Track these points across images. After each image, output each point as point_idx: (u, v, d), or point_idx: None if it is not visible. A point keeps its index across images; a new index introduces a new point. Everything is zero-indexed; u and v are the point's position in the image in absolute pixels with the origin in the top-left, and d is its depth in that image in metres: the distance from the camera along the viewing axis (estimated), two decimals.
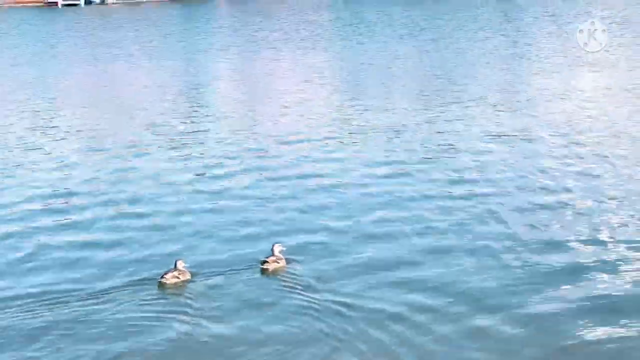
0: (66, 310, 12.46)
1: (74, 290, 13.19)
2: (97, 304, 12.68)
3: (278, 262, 13.82)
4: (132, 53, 52.95)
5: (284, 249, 14.12)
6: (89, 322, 12.13)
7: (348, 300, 12.64)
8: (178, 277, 13.28)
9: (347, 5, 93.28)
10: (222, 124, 27.43)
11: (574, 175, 19.35)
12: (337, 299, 12.67)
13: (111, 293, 13.00)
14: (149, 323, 12.06)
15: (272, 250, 14.01)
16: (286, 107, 30.58)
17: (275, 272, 13.65)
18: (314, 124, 26.66)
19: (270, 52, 50.76)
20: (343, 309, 12.30)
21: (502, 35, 55.12)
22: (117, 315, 12.28)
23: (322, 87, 35.79)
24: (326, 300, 12.59)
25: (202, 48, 55.36)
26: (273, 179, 19.77)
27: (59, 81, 41.47)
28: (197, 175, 20.57)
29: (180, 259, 13.64)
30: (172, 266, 13.49)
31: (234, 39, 61.37)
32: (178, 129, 26.73)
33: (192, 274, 13.52)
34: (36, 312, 12.45)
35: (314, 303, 12.52)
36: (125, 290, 13.14)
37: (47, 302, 12.75)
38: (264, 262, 13.80)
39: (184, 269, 13.45)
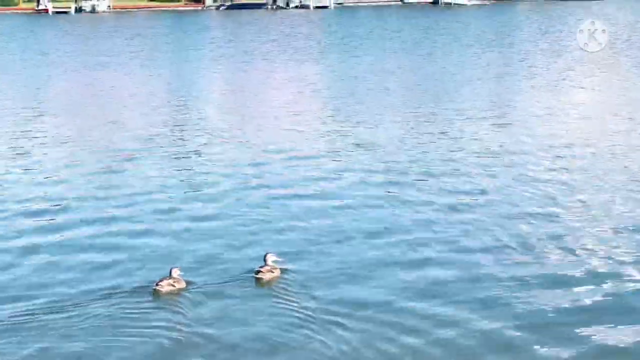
0: (59, 317, 12.40)
1: (66, 297, 13.12)
2: (90, 310, 12.61)
3: (272, 272, 13.83)
4: (122, 62, 52.98)
5: (279, 259, 14.16)
6: (81, 328, 12.04)
7: (344, 311, 12.64)
8: (173, 285, 13.23)
9: (341, 18, 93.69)
10: (212, 135, 27.36)
11: (573, 194, 19.25)
12: (333, 309, 12.67)
13: (104, 300, 12.96)
14: (141, 330, 12.01)
15: (264, 259, 14.05)
16: (278, 119, 30.58)
17: (269, 282, 13.68)
18: (306, 137, 26.63)
19: (262, 64, 50.92)
20: (340, 320, 12.28)
21: (496, 50, 55.54)
22: (110, 322, 12.20)
23: (315, 100, 35.84)
24: (322, 311, 12.59)
25: (193, 58, 55.51)
26: (265, 192, 19.73)
27: (48, 88, 41.42)
28: (189, 185, 20.53)
29: (175, 267, 13.62)
30: (167, 274, 13.48)
31: (226, 49, 61.56)
32: (169, 139, 26.66)
33: (187, 283, 13.52)
34: (30, 318, 12.36)
35: (309, 315, 12.49)
36: (118, 297, 13.08)
37: (39, 309, 12.67)
38: (258, 272, 13.82)
39: (179, 277, 13.43)
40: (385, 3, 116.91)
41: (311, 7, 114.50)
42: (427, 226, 16.81)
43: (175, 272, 13.43)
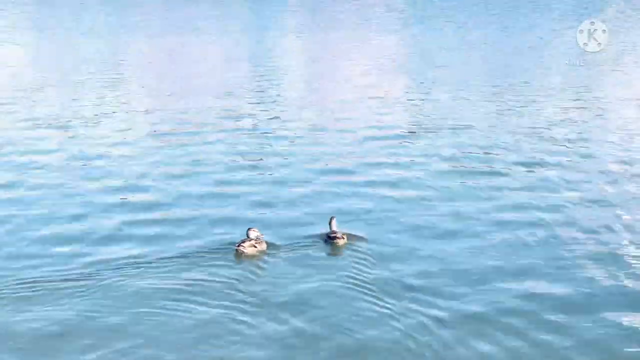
0: (149, 273, 13.15)
1: (146, 257, 13.82)
2: (173, 269, 13.31)
3: (343, 238, 14.28)
4: (203, 30, 53.94)
5: (342, 233, 14.51)
6: (166, 287, 12.67)
7: (412, 282, 13.01)
8: (255, 247, 13.79)
9: None
10: (288, 106, 27.92)
11: None
12: (403, 280, 13.04)
13: (186, 260, 13.61)
14: (221, 291, 12.50)
15: (329, 224, 14.50)
16: (354, 92, 30.86)
17: (341, 248, 14.18)
18: (382, 112, 26.81)
19: (341, 34, 51.26)
20: (409, 292, 12.64)
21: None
22: (191, 282, 12.78)
23: (393, 73, 35.89)
24: (393, 281, 12.98)
25: (272, 27, 56.23)
26: (337, 164, 20.26)
27: (128, 54, 42.46)
28: (265, 154, 21.17)
29: (252, 228, 14.18)
30: (245, 235, 14.00)
31: (306, 19, 62.10)
32: (246, 108, 27.25)
33: (266, 244, 14.04)
34: (119, 278, 13.07)
35: (378, 284, 12.84)
36: (199, 258, 13.69)
37: (126, 268, 13.38)
38: (334, 237, 14.35)
39: (260, 240, 13.96)
40: None
41: None
42: (505, 210, 16.64)
43: (253, 233, 13.99)
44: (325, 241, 14.52)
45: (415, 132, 23.85)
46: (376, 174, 19.29)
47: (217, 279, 12.96)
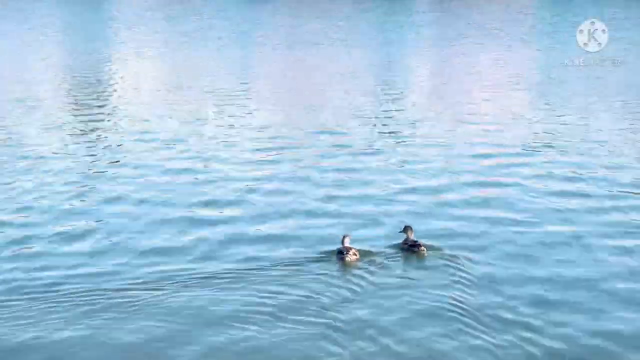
0: (246, 283, 14.23)
1: (254, 268, 14.93)
2: (276, 274, 14.45)
3: (422, 246, 15.19)
4: (326, 44, 54.76)
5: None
6: (274, 290, 13.80)
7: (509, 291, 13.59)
8: (356, 255, 14.93)
9: (554, 2, 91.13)
10: (403, 119, 28.74)
11: None
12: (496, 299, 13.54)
13: (289, 267, 14.73)
14: (327, 301, 13.50)
15: (405, 232, 15.35)
16: (474, 107, 31.28)
17: (425, 257, 14.93)
18: (500, 127, 27.12)
19: (468, 48, 51.25)
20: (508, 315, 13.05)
21: None
22: (296, 290, 13.84)
23: (520, 89, 35.83)
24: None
25: (396, 40, 56.78)
26: (452, 178, 20.88)
27: (251, 67, 44.12)
28: (376, 166, 22.13)
29: (347, 235, 15.26)
30: (340, 242, 15.13)
31: (432, 32, 62.36)
32: (366, 125, 27.93)
33: (360, 253, 15.05)
34: (218, 281, 14.34)
35: (461, 298, 13.52)
36: (299, 266, 14.80)
37: (231, 275, 14.60)
38: (416, 246, 15.15)
39: (355, 249, 14.99)
40: None
41: None
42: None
43: (347, 240, 15.05)
44: (405, 250, 15.31)
45: (533, 150, 24.03)
46: (488, 191, 19.71)
47: (323, 290, 13.86)
